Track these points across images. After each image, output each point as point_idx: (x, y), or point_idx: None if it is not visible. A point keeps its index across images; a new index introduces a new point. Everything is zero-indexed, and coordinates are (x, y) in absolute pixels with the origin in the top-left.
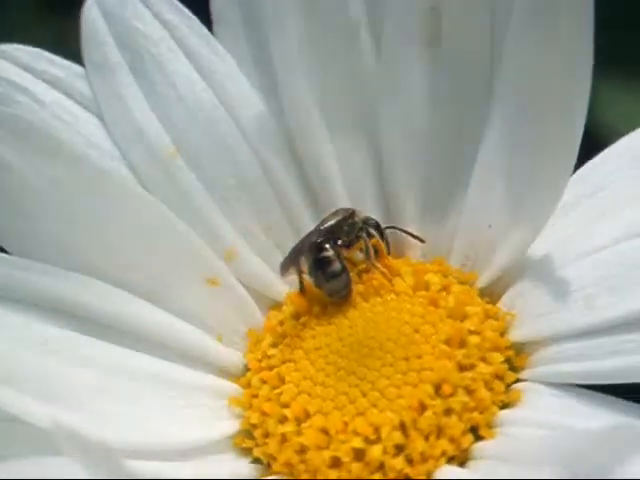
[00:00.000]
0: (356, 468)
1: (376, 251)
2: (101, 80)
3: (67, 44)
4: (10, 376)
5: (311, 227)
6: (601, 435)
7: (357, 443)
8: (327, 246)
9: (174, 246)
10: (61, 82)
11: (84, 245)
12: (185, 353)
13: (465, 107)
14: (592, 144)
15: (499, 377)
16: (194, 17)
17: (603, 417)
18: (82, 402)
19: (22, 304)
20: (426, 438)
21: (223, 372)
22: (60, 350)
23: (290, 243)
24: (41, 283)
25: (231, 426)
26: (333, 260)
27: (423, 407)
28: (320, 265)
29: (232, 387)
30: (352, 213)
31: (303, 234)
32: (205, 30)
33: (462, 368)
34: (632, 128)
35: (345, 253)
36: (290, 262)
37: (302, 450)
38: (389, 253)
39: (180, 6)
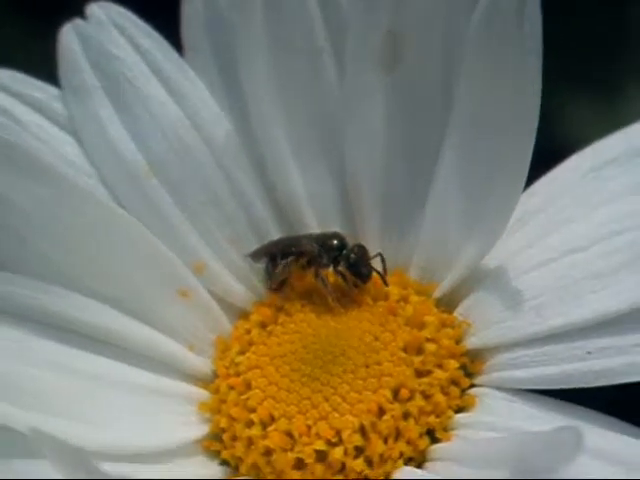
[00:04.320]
0: (319, 469)
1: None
2: (78, 102)
3: (52, 65)
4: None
5: None
6: (548, 437)
7: (320, 445)
8: (278, 262)
9: (148, 260)
10: (39, 103)
11: (63, 260)
12: (156, 361)
13: (423, 127)
14: (555, 159)
15: (455, 382)
16: (166, 42)
17: (552, 420)
18: (60, 408)
19: (7, 316)
20: (385, 440)
21: (193, 379)
22: (39, 359)
23: None
24: (22, 296)
25: (200, 430)
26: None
27: (382, 411)
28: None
29: (202, 393)
30: (330, 246)
31: None
32: (177, 55)
33: (419, 374)
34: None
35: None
36: (257, 255)
37: (268, 452)
38: (363, 281)
39: (153, 32)
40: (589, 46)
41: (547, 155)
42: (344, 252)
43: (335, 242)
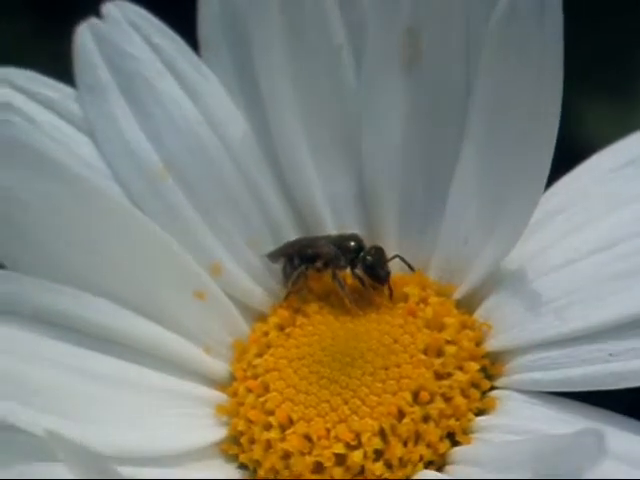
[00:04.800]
0: (338, 473)
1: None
2: (93, 101)
3: (62, 65)
4: (13, 390)
5: None
6: (569, 440)
7: (339, 449)
8: (295, 263)
9: (163, 261)
10: (54, 103)
11: (79, 261)
12: (175, 364)
13: (443, 126)
14: (576, 160)
15: (475, 385)
16: (182, 41)
17: (573, 423)
18: (76, 411)
19: (19, 317)
20: (405, 444)
21: (211, 381)
22: (50, 360)
23: None
24: (34, 296)
25: (218, 433)
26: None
27: (402, 414)
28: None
29: (219, 396)
30: (347, 248)
31: None
32: (192, 53)
33: (439, 376)
34: None
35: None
36: (274, 255)
37: (286, 456)
38: (383, 282)
39: (169, 30)
40: (608, 48)
41: (566, 156)
42: (361, 254)
43: (352, 244)
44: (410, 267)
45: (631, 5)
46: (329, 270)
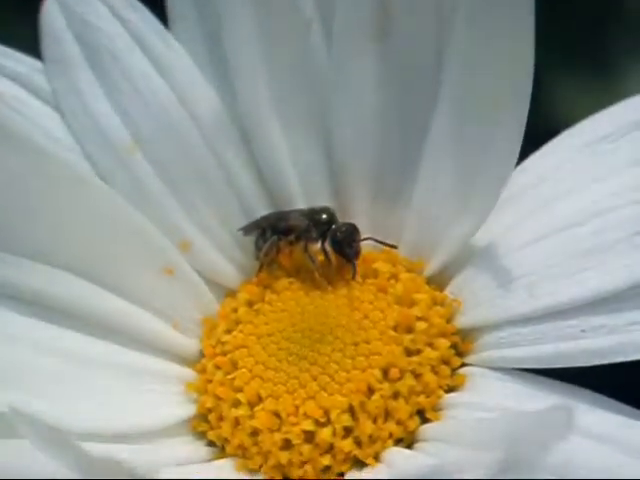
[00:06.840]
0: (306, 450)
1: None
2: (60, 75)
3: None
4: None
5: None
6: (539, 416)
7: (307, 426)
8: (267, 235)
9: (131, 237)
10: (21, 77)
11: (44, 236)
12: (142, 340)
13: (413, 100)
14: (547, 138)
15: (445, 362)
16: (150, 14)
17: (543, 399)
18: (40, 387)
19: None
20: (374, 421)
21: (179, 358)
22: (17, 336)
23: None
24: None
25: (187, 410)
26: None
27: (371, 391)
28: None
29: (188, 373)
30: (319, 220)
31: None
32: (161, 26)
33: (409, 353)
34: None
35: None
36: (248, 229)
37: (254, 433)
38: (350, 260)
39: (137, 3)
40: (579, 25)
41: (538, 134)
42: (333, 227)
43: (324, 216)
44: (391, 246)
45: None
46: (301, 243)
